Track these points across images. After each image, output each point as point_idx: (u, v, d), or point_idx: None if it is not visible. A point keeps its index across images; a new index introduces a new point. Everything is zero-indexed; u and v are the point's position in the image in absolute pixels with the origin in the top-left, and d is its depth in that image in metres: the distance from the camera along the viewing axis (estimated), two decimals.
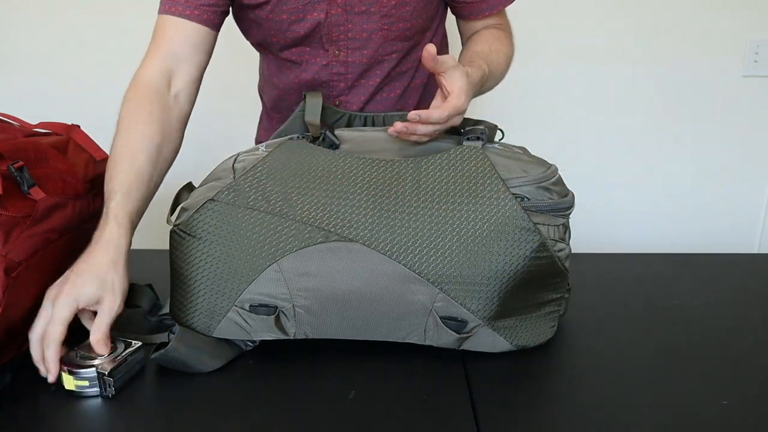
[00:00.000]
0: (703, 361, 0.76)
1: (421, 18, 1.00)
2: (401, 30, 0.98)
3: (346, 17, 0.95)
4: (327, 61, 0.99)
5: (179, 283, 0.75)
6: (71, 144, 0.88)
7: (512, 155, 0.78)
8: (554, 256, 0.74)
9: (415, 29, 1.00)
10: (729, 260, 1.07)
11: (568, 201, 0.76)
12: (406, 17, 0.97)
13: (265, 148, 0.80)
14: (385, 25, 0.97)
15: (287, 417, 0.66)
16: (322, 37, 0.97)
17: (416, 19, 0.99)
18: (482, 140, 0.79)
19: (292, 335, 0.74)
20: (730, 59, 1.86)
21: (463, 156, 0.76)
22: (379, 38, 0.98)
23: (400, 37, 0.99)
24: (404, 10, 0.96)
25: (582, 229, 1.23)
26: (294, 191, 0.74)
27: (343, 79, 1.01)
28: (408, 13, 0.97)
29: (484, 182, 0.73)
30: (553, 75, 1.87)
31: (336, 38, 0.97)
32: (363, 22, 0.96)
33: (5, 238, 0.69)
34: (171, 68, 0.91)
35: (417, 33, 1.02)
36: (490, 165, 0.75)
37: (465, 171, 0.75)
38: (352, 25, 0.96)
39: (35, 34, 1.82)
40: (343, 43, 0.97)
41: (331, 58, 0.99)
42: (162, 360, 0.72)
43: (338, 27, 0.96)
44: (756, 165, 1.96)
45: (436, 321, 0.73)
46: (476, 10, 1.03)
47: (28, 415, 0.66)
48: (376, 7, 0.94)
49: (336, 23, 0.95)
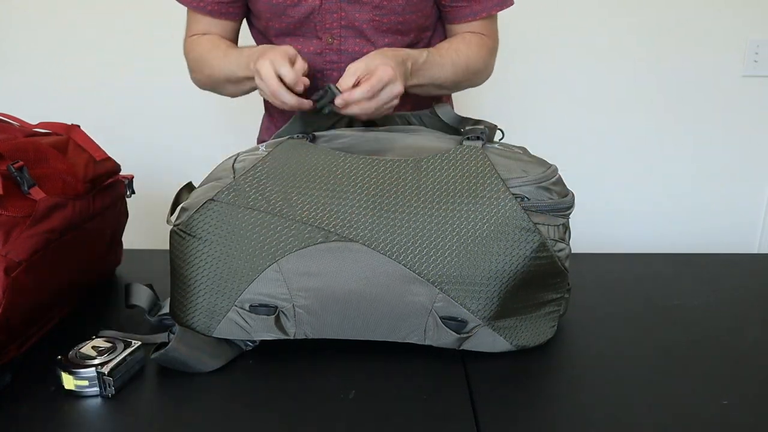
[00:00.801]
0: (703, 361, 0.76)
1: (415, 14, 1.02)
2: (393, 23, 1.01)
3: (339, 5, 0.99)
4: (321, 50, 1.03)
5: (179, 283, 0.75)
6: (71, 144, 0.88)
7: (512, 155, 0.78)
8: (554, 256, 0.74)
9: (410, 25, 1.02)
10: (729, 260, 1.07)
11: (568, 201, 0.76)
12: (398, 10, 1.00)
13: (264, 148, 0.80)
14: (377, 16, 1.00)
15: (287, 417, 0.66)
16: (316, 25, 1.01)
17: (409, 14, 1.01)
18: (482, 140, 0.79)
19: (292, 335, 0.74)
20: (730, 59, 1.86)
21: (463, 156, 0.76)
22: (371, 29, 1.01)
23: (392, 29, 1.01)
24: (396, 4, 0.99)
25: (582, 229, 1.23)
26: (294, 191, 0.74)
27: (336, 68, 1.04)
28: (400, 6, 1.00)
29: (484, 182, 0.73)
30: (553, 74, 1.88)
31: (330, 26, 1.01)
32: (355, 11, 1.00)
33: (5, 238, 0.69)
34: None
35: (413, 29, 1.03)
36: (490, 165, 0.75)
37: (465, 171, 0.75)
38: (345, 14, 1.00)
39: (35, 34, 1.82)
40: (336, 31, 1.01)
41: (324, 46, 1.02)
42: (162, 360, 0.72)
43: (332, 14, 1.00)
44: (756, 165, 1.97)
45: (436, 321, 0.73)
46: (460, 15, 1.05)
47: (28, 415, 0.66)
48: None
49: (330, 10, 1.00)
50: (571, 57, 1.86)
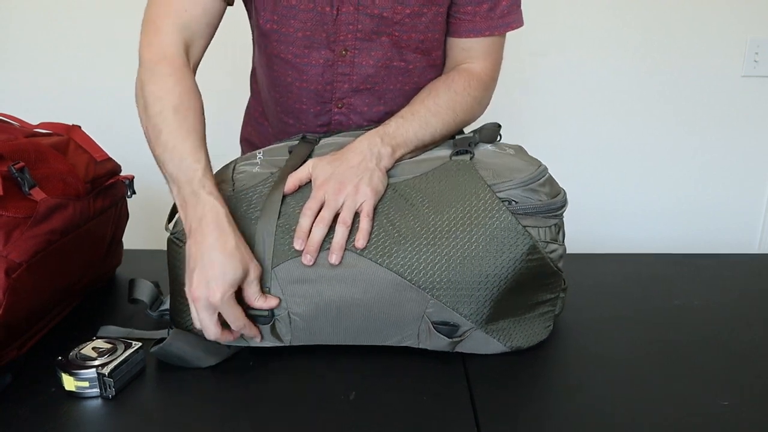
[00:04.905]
0: (703, 361, 0.76)
1: (438, 32, 0.95)
2: (414, 41, 0.93)
3: (357, 17, 0.91)
4: (333, 61, 0.94)
5: (178, 290, 0.76)
6: (72, 144, 0.88)
7: (502, 158, 0.79)
8: (546, 258, 0.74)
9: (431, 42, 0.95)
10: (729, 260, 1.07)
11: (558, 201, 0.76)
12: (420, 29, 0.92)
13: (262, 156, 0.81)
14: (396, 32, 0.92)
15: (287, 417, 0.66)
16: (329, 35, 0.92)
17: (432, 33, 0.94)
18: (471, 153, 0.80)
19: (287, 342, 0.75)
20: (730, 59, 1.86)
21: (451, 169, 0.77)
22: (388, 44, 0.93)
23: (412, 47, 0.94)
24: (419, 21, 0.91)
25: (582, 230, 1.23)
26: (291, 201, 0.75)
27: (347, 80, 0.95)
28: (423, 24, 0.92)
29: (472, 192, 0.74)
30: (552, 74, 1.87)
31: (344, 38, 0.92)
32: (374, 25, 0.91)
33: (6, 239, 0.69)
34: (187, 42, 0.87)
35: (436, 48, 0.96)
36: (477, 177, 0.76)
37: (453, 183, 0.76)
38: (362, 26, 0.91)
39: (35, 34, 1.82)
40: (351, 43, 0.93)
41: (337, 57, 0.94)
42: (160, 354, 0.73)
43: (347, 26, 0.91)
44: (756, 165, 1.96)
45: (429, 326, 0.73)
46: (460, 29, 0.95)
47: (28, 415, 0.66)
48: (390, 13, 0.90)
49: (346, 21, 0.91)
50: (571, 57, 1.86)
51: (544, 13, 1.79)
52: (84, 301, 0.91)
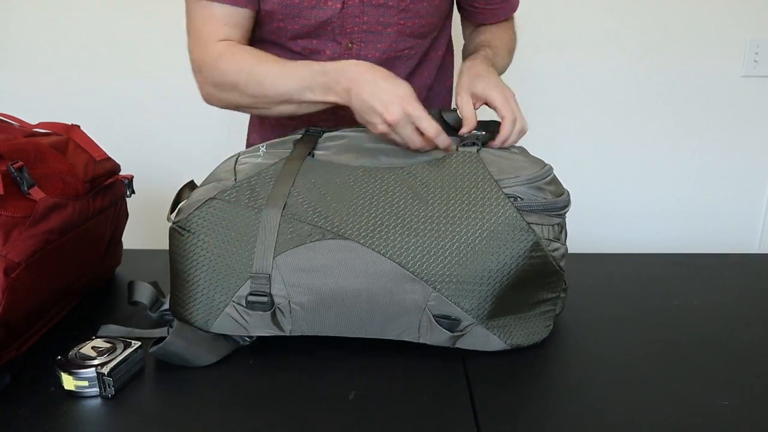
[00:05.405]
0: (703, 361, 0.76)
1: (435, 17, 1.00)
2: (416, 26, 0.98)
3: (362, 9, 0.93)
4: (339, 54, 0.96)
5: (178, 279, 0.76)
6: (71, 144, 0.88)
7: (507, 156, 0.79)
8: (548, 256, 0.74)
9: (429, 27, 1.00)
10: (729, 260, 1.07)
11: (562, 201, 0.76)
12: (422, 13, 0.97)
13: (265, 149, 0.81)
14: (401, 20, 0.96)
15: (287, 417, 0.66)
16: (335, 29, 0.94)
17: (431, 17, 0.99)
18: (477, 145, 0.80)
19: (288, 332, 0.74)
20: (730, 59, 1.86)
21: (458, 161, 0.77)
22: (394, 33, 0.97)
23: (415, 33, 0.98)
24: (420, 6, 0.96)
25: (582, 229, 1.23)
26: (295, 191, 0.75)
27: None
28: (424, 9, 0.96)
29: (478, 185, 0.74)
30: (552, 74, 1.88)
31: (350, 30, 0.95)
32: (379, 15, 0.95)
33: (5, 239, 0.69)
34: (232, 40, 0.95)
35: (430, 31, 1.01)
36: (483, 168, 0.76)
37: (459, 175, 0.76)
38: (368, 18, 0.94)
39: (35, 34, 1.82)
40: (357, 36, 0.95)
41: (343, 50, 0.96)
42: (160, 353, 0.73)
43: (353, 18, 0.94)
44: (756, 165, 1.97)
45: (430, 319, 0.73)
46: (492, 16, 1.06)
47: (28, 415, 0.66)
48: (395, 1, 0.94)
49: (352, 14, 0.93)
50: (569, 57, 1.86)
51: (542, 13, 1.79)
52: (83, 300, 0.91)
